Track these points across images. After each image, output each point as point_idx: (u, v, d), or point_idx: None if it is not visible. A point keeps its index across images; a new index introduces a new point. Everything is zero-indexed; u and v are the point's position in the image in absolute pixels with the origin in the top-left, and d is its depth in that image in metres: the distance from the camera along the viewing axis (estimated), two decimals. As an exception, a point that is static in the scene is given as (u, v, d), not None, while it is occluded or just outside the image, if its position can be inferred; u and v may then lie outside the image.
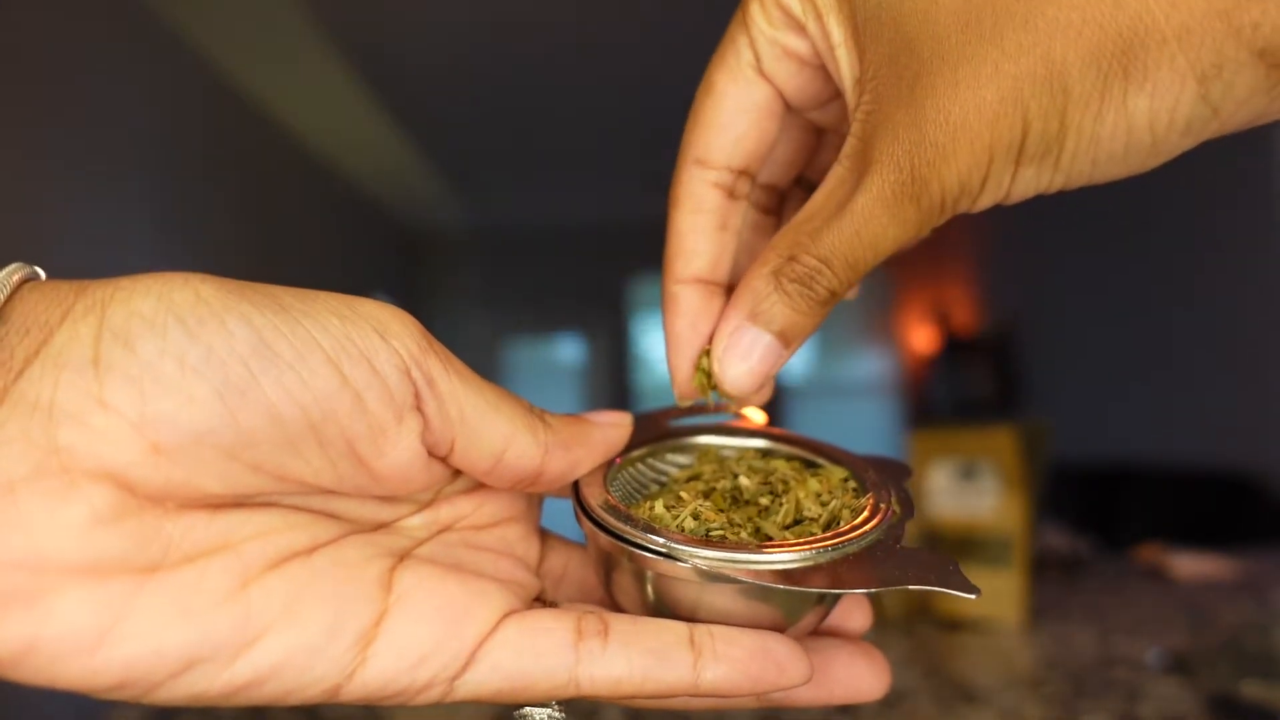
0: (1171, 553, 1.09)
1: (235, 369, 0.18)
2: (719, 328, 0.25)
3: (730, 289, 0.27)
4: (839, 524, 0.24)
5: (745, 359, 0.24)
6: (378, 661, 0.20)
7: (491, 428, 0.22)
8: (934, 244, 4.29)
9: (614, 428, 0.25)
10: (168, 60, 2.36)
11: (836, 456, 0.27)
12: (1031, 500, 0.85)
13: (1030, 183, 0.21)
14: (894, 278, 4.51)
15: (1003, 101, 0.19)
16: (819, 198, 0.23)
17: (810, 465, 0.27)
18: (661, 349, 0.28)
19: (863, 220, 0.22)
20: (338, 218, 3.61)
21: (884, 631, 0.84)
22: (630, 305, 4.69)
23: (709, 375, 0.26)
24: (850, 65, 0.22)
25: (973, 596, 0.21)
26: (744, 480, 0.26)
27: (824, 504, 0.25)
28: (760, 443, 0.28)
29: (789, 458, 0.28)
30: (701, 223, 0.26)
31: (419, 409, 0.20)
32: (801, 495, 0.25)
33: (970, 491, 0.87)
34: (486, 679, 0.21)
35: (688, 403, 0.27)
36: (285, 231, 3.08)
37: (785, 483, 0.26)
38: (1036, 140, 0.20)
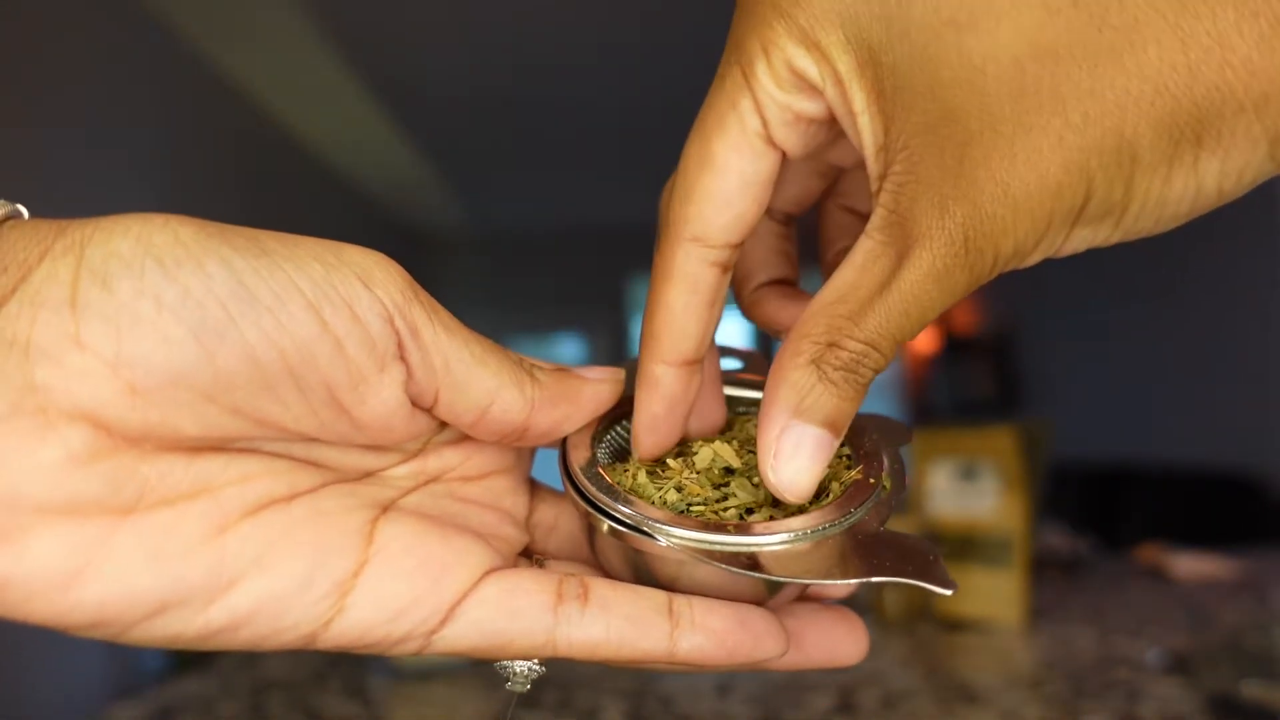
0: (1171, 553, 1.09)
1: (213, 311, 0.17)
2: (762, 428, 0.22)
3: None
4: (825, 497, 0.23)
5: (797, 458, 0.22)
6: (355, 612, 0.20)
7: (477, 380, 0.21)
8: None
9: (604, 383, 0.25)
10: (168, 60, 2.36)
11: None
12: (1031, 500, 0.85)
13: (1085, 240, 0.20)
14: (894, 278, 4.50)
15: (1068, 173, 0.18)
16: (850, 275, 0.21)
17: None
18: None
19: (912, 298, 0.20)
20: (338, 218, 3.62)
21: (884, 631, 0.84)
22: (630, 305, 4.69)
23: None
24: (874, 133, 0.20)
25: (948, 593, 0.20)
26: (726, 451, 0.25)
27: None
28: (758, 396, 0.27)
29: None
30: (694, 303, 0.24)
31: (402, 358, 0.20)
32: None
33: (970, 491, 0.87)
34: (464, 635, 0.21)
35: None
36: (285, 231, 3.08)
37: None
38: (1099, 205, 0.19)
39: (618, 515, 0.22)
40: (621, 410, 0.26)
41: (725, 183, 0.22)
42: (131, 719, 0.66)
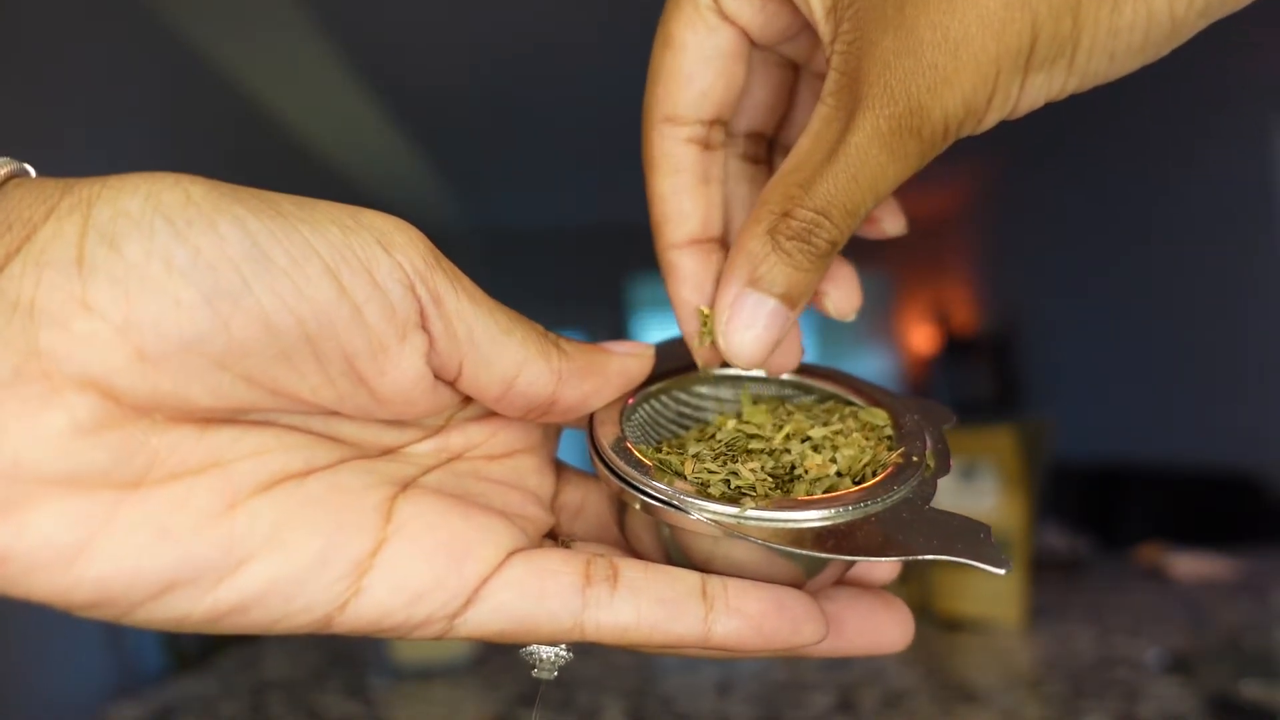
0: (1171, 553, 1.09)
1: (226, 274, 0.17)
2: (717, 296, 0.23)
3: (725, 243, 0.26)
4: (867, 478, 0.22)
5: (751, 327, 0.22)
6: (372, 594, 0.19)
7: (502, 351, 0.20)
8: (934, 244, 4.29)
9: (634, 358, 0.24)
10: (167, 60, 2.36)
11: (876, 397, 0.25)
12: (1031, 500, 0.85)
13: (1040, 90, 0.19)
14: (894, 278, 4.51)
15: (1008, 7, 0.18)
16: (805, 142, 0.21)
17: (848, 404, 0.26)
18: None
19: (859, 162, 0.20)
20: (338, 217, 3.61)
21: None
22: (630, 305, 4.69)
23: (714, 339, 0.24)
24: None
25: (1001, 572, 0.19)
26: (767, 427, 0.24)
27: (853, 454, 0.23)
28: (795, 378, 0.26)
29: (825, 397, 0.26)
30: (682, 183, 0.24)
31: (424, 327, 0.19)
32: (830, 444, 0.23)
33: (970, 491, 0.87)
34: (489, 619, 0.20)
35: (713, 372, 0.25)
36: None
37: (814, 428, 0.24)
38: (1047, 43, 0.18)
39: (650, 490, 0.21)
40: (649, 385, 0.25)
41: (684, 59, 0.23)
42: (131, 719, 0.66)
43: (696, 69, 0.23)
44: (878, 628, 0.23)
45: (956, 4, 0.18)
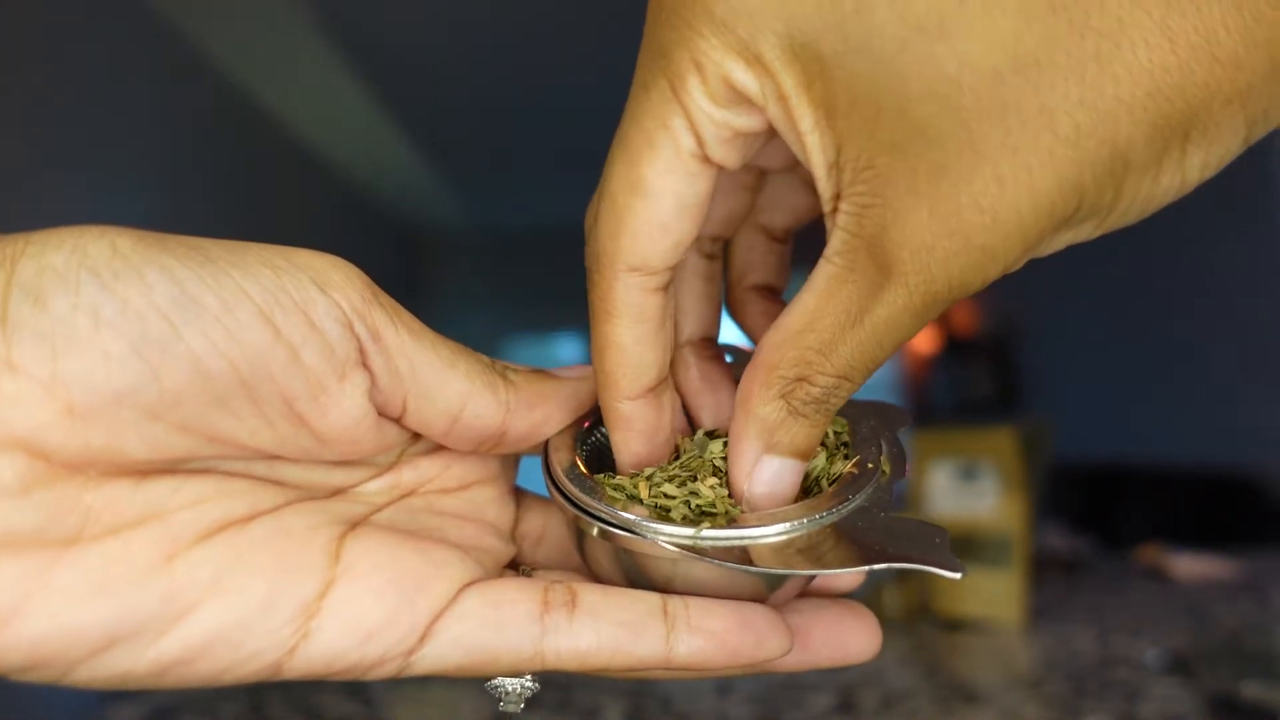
0: (1171, 553, 1.09)
1: (154, 323, 0.16)
2: (732, 460, 0.21)
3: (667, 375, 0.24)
4: (823, 488, 0.22)
5: (774, 485, 0.21)
6: (322, 636, 0.18)
7: (446, 385, 0.20)
8: (934, 244, 4.28)
9: (584, 382, 0.24)
10: (167, 60, 2.36)
11: None
12: (1031, 500, 0.85)
13: (1064, 242, 0.19)
14: (894, 278, 4.50)
15: (1061, 190, 0.17)
16: (812, 302, 0.19)
17: None
18: None
19: (887, 331, 0.19)
20: (338, 218, 3.61)
21: (884, 631, 0.84)
22: (630, 305, 4.68)
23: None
24: (824, 151, 0.18)
25: (956, 576, 0.19)
26: (714, 446, 0.23)
27: (812, 464, 0.23)
28: None
29: None
30: (644, 333, 0.22)
31: (365, 365, 0.19)
32: None
33: (970, 492, 0.87)
34: (446, 654, 0.20)
35: None
36: (285, 231, 3.08)
37: None
38: (1086, 212, 0.18)
39: (605, 516, 0.21)
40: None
41: (660, 209, 0.20)
42: (131, 719, 0.66)
43: (672, 221, 0.20)
44: (844, 637, 0.23)
45: (1006, 188, 0.17)
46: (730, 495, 0.22)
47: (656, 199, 0.20)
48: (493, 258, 4.65)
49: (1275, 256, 2.24)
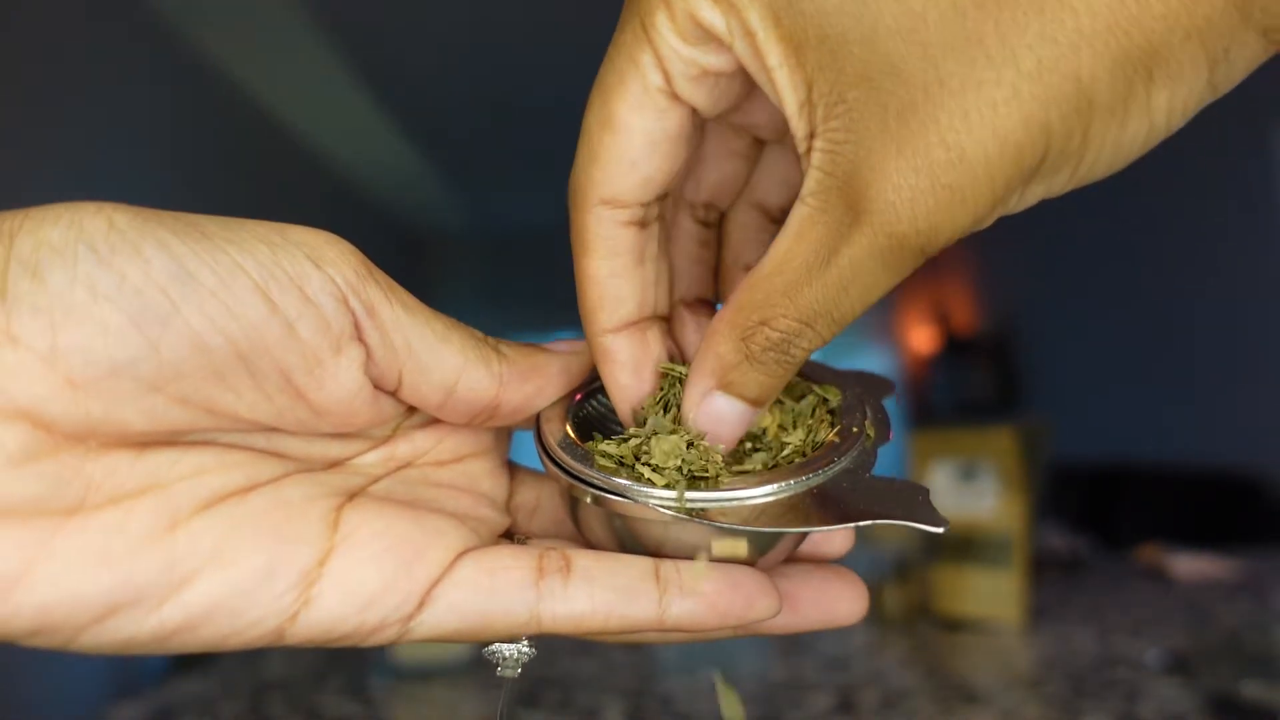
0: (1171, 553, 1.09)
1: (153, 297, 0.17)
2: (686, 390, 0.22)
3: (660, 316, 0.25)
4: (808, 451, 0.23)
5: (718, 424, 0.22)
6: (322, 603, 0.19)
7: (441, 359, 0.21)
8: (934, 244, 4.27)
9: (575, 356, 0.24)
10: (168, 60, 2.36)
11: (818, 374, 0.26)
12: (1031, 500, 0.85)
13: (1038, 195, 0.19)
14: (894, 278, 4.50)
15: (1027, 131, 0.17)
16: (784, 243, 0.20)
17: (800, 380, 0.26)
18: None
19: (853, 274, 0.19)
20: (338, 218, 3.62)
21: (884, 631, 0.84)
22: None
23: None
24: (794, 87, 0.18)
25: (939, 530, 0.19)
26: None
27: (793, 430, 0.23)
28: None
29: None
30: (620, 265, 0.22)
31: (360, 339, 0.20)
32: (768, 421, 0.24)
33: (970, 492, 0.87)
34: (444, 619, 0.20)
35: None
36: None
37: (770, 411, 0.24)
38: (1055, 158, 0.18)
39: (598, 483, 0.21)
40: (594, 382, 0.25)
41: (629, 143, 0.21)
42: (131, 719, 0.66)
43: (642, 155, 0.21)
44: (832, 601, 0.23)
45: (973, 123, 0.17)
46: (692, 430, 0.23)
47: (626, 134, 0.21)
48: (492, 258, 4.65)
49: (1275, 256, 2.24)
